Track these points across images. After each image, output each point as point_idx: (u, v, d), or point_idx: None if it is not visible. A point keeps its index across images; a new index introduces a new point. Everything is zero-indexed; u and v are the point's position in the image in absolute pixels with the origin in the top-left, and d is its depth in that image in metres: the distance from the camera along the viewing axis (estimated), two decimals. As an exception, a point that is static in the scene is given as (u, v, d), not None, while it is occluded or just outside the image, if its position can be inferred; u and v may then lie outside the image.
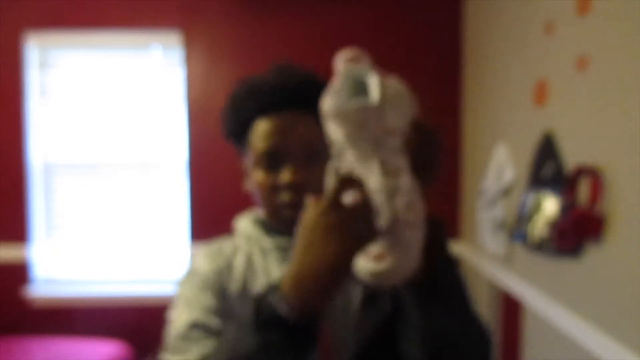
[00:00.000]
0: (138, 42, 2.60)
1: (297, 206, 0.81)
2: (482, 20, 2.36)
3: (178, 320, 0.80)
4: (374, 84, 0.58)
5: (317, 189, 0.82)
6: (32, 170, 2.61)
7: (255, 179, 0.85)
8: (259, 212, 0.93)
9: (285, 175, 0.82)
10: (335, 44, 2.97)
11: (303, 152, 0.83)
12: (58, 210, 2.67)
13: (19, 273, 2.59)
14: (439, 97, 2.62)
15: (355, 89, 0.61)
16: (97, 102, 2.64)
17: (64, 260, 2.68)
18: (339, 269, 0.58)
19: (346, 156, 0.60)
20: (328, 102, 0.60)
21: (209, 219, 2.59)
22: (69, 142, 2.65)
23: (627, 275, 1.23)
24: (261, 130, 0.84)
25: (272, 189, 0.83)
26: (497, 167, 2.06)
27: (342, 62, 0.63)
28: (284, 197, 0.82)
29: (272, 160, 0.83)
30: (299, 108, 0.85)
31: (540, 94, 1.70)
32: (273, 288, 0.63)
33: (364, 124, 0.57)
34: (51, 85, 2.63)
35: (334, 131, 0.59)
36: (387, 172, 0.58)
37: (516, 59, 1.93)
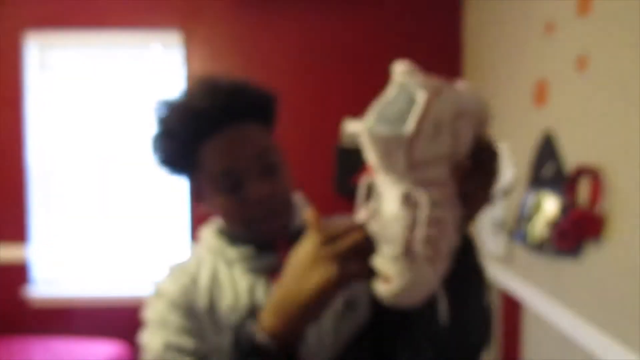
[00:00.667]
0: (138, 42, 2.60)
1: (270, 217, 0.82)
2: (482, 20, 2.36)
3: (151, 343, 0.79)
4: (415, 110, 0.53)
5: (282, 199, 0.83)
6: (32, 170, 2.61)
7: (218, 202, 0.83)
8: (221, 221, 0.92)
9: (251, 191, 0.80)
10: (335, 44, 2.98)
11: (259, 164, 0.81)
12: (58, 211, 2.67)
13: (18, 273, 2.59)
14: (439, 97, 2.62)
15: (407, 104, 0.57)
16: (97, 102, 2.64)
17: (63, 260, 2.68)
18: (319, 301, 0.59)
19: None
20: (368, 117, 0.57)
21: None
22: (68, 143, 2.65)
23: (627, 275, 1.23)
24: (209, 153, 0.81)
25: (240, 208, 0.81)
26: (497, 167, 2.06)
27: (398, 73, 0.58)
28: (255, 213, 0.81)
29: (230, 180, 0.81)
30: (241, 121, 0.82)
31: (540, 94, 1.70)
32: (251, 317, 0.64)
33: (391, 154, 0.53)
34: (51, 85, 2.63)
35: (366, 149, 0.56)
36: (408, 203, 0.55)
37: (516, 59, 1.93)
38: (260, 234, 0.84)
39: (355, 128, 2.47)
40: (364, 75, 2.55)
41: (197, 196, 0.89)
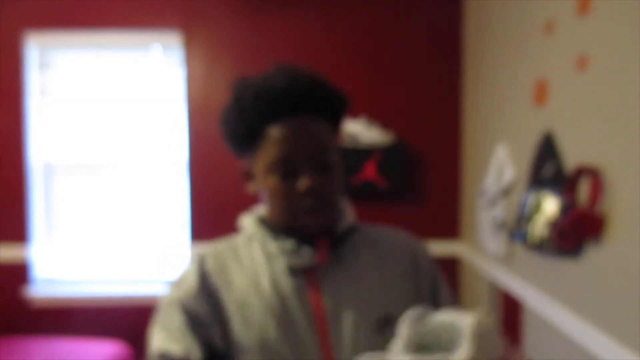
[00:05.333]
0: (138, 42, 2.60)
1: (316, 211, 0.82)
2: (482, 20, 2.36)
3: (153, 341, 0.83)
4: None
5: (330, 198, 0.84)
6: (32, 170, 2.61)
7: (269, 184, 0.84)
8: (262, 211, 0.93)
9: (304, 182, 0.81)
10: (335, 44, 2.98)
11: (317, 159, 0.82)
12: (58, 210, 2.67)
13: (18, 273, 2.59)
14: (439, 97, 2.62)
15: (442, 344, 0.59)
16: (97, 102, 2.64)
17: (64, 260, 2.68)
18: None
19: None
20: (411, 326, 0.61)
21: (209, 219, 2.59)
22: (68, 142, 2.65)
23: (627, 275, 1.23)
24: (274, 136, 0.82)
25: (290, 196, 0.82)
26: (497, 167, 2.06)
27: (469, 323, 0.60)
28: (304, 203, 0.82)
29: (286, 167, 0.82)
30: (310, 113, 0.84)
31: (540, 94, 1.70)
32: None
33: None
34: (51, 85, 2.63)
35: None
36: None
37: (516, 59, 1.93)
38: (303, 227, 0.84)
39: (355, 129, 2.47)
40: (364, 75, 2.55)
41: (247, 176, 0.90)
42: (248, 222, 0.92)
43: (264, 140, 0.83)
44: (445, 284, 0.95)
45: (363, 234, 0.92)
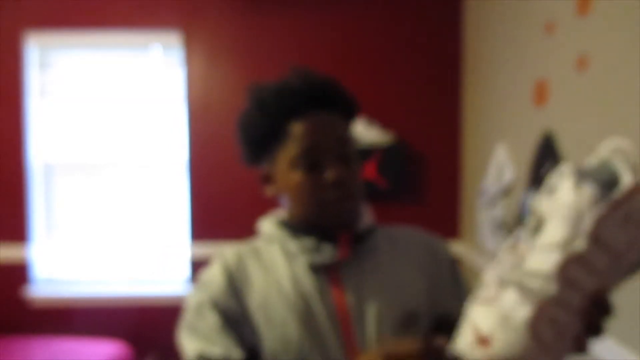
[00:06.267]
0: (138, 42, 2.60)
1: (343, 201, 0.84)
2: (482, 20, 2.36)
3: (186, 348, 0.81)
4: (619, 189, 0.50)
5: (356, 187, 0.86)
6: (32, 170, 2.61)
7: (294, 179, 0.85)
8: (281, 214, 0.93)
9: (332, 173, 0.82)
10: (335, 44, 2.98)
11: (340, 151, 0.85)
12: (58, 210, 2.67)
13: (19, 273, 2.59)
14: (439, 97, 2.62)
15: (603, 184, 0.53)
16: (97, 102, 2.64)
17: (64, 260, 2.68)
18: None
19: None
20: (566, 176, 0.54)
21: (209, 219, 2.59)
22: (68, 142, 2.65)
23: (627, 275, 1.23)
24: (297, 130, 0.85)
25: (316, 188, 0.83)
26: (497, 167, 2.06)
27: (607, 148, 0.55)
28: (331, 194, 0.83)
29: (310, 158, 0.84)
30: (328, 110, 0.87)
31: (540, 94, 1.70)
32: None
33: (583, 217, 0.51)
34: (51, 85, 2.63)
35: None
36: (570, 271, 0.52)
37: (516, 59, 1.93)
38: (329, 218, 0.85)
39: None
40: (365, 75, 2.55)
41: (266, 179, 0.92)
42: (267, 224, 0.93)
43: (285, 137, 0.85)
44: (465, 281, 0.95)
45: (383, 232, 0.93)
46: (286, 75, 0.89)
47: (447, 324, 0.80)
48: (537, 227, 0.56)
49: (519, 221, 1.75)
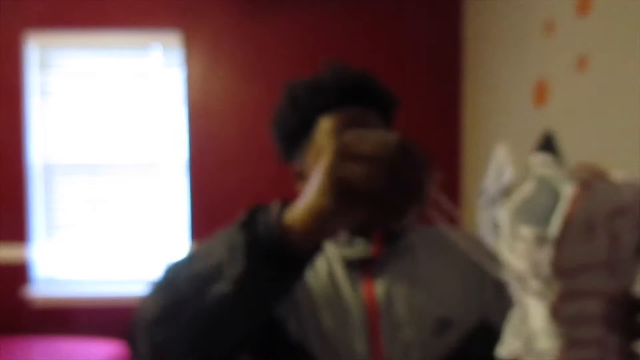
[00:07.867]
0: (138, 42, 2.60)
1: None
2: (482, 20, 2.36)
3: None
4: (561, 207, 0.46)
5: None
6: (32, 170, 2.61)
7: None
8: None
9: None
10: (335, 44, 2.97)
11: None
12: (58, 210, 2.67)
13: (19, 273, 2.59)
14: (439, 97, 2.62)
15: (551, 200, 0.49)
16: (97, 102, 2.64)
17: (64, 260, 2.68)
18: (314, 223, 0.57)
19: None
20: (506, 216, 0.51)
21: (209, 219, 2.59)
22: (69, 142, 2.65)
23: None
24: (325, 126, 0.83)
25: None
26: (497, 167, 2.05)
27: (536, 164, 0.50)
28: None
29: None
30: (363, 104, 0.85)
31: (540, 94, 1.70)
32: (264, 214, 0.62)
33: (535, 258, 0.47)
34: (51, 85, 2.63)
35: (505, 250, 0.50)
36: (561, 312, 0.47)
37: (516, 59, 1.93)
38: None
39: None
40: (364, 75, 2.55)
41: (299, 176, 0.89)
42: None
43: (319, 131, 0.84)
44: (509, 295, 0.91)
45: (419, 233, 0.89)
46: (320, 71, 0.87)
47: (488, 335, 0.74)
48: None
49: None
